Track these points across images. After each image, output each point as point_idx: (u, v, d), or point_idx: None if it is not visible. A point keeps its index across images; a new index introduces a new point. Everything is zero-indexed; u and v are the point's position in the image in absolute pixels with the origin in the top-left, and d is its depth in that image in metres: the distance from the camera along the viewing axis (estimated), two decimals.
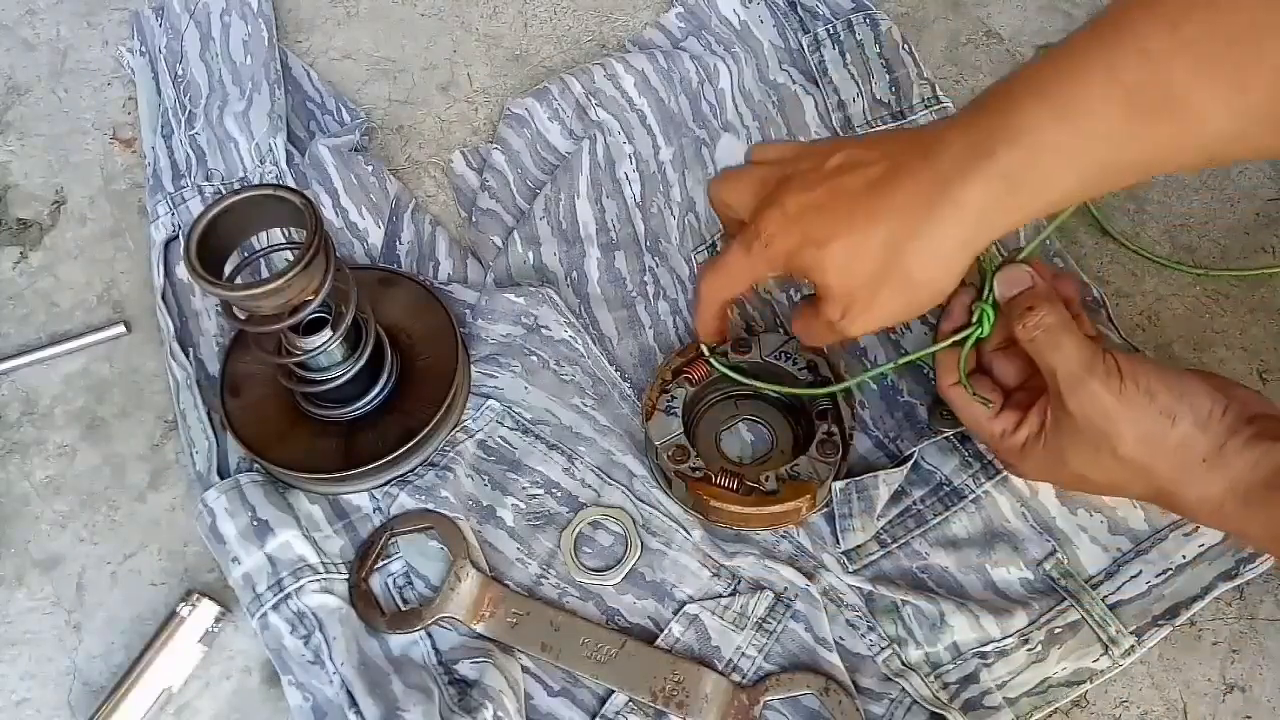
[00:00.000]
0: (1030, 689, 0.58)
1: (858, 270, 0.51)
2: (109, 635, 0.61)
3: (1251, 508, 0.50)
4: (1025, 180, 0.48)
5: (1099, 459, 0.53)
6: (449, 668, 0.58)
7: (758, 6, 0.80)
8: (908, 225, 0.50)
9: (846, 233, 0.51)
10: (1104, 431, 0.52)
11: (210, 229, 0.53)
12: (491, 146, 0.76)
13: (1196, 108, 0.45)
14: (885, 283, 0.51)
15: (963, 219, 0.49)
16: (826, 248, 0.51)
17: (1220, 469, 0.51)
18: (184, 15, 0.79)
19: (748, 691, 0.57)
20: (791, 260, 0.53)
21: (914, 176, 0.50)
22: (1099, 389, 0.51)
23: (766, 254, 0.54)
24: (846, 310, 0.53)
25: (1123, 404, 0.51)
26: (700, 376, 0.64)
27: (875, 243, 0.50)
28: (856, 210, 0.51)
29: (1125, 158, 0.47)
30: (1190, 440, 0.51)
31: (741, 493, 0.60)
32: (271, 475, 0.63)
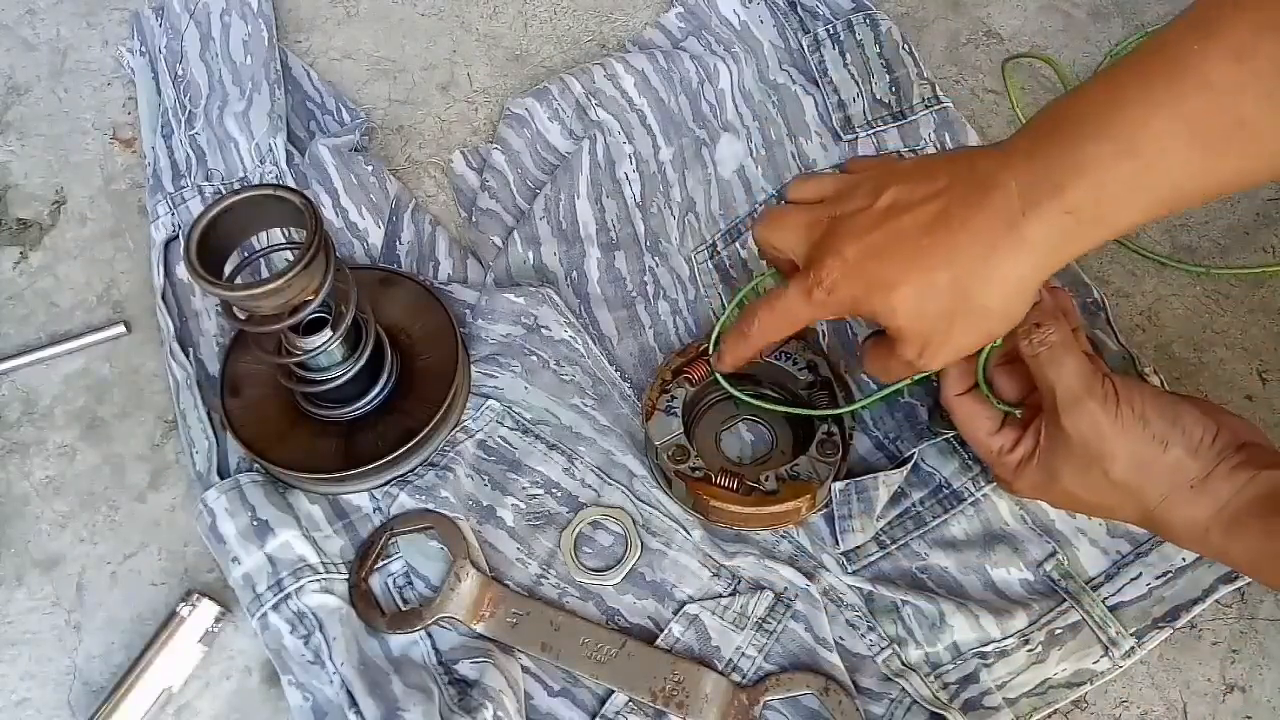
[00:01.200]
0: (1030, 690, 0.58)
1: (929, 311, 0.51)
2: (109, 635, 0.61)
3: (1234, 533, 0.51)
4: (1091, 215, 0.48)
5: (1090, 479, 0.53)
6: (449, 668, 0.58)
7: (758, 6, 0.80)
8: (974, 265, 0.50)
9: (913, 276, 0.51)
10: (1097, 452, 0.52)
11: (210, 229, 0.53)
12: (491, 146, 0.76)
13: (1268, 136, 0.45)
14: (958, 319, 0.51)
15: (1029, 254, 0.49)
16: (895, 292, 0.51)
17: (1206, 494, 0.51)
18: (184, 15, 0.79)
19: (748, 691, 0.57)
20: (858, 306, 0.53)
21: (975, 216, 0.49)
22: (1096, 410, 0.52)
23: (829, 301, 0.53)
24: (924, 349, 0.53)
25: (1117, 427, 0.52)
26: (700, 376, 0.64)
27: (943, 284, 0.50)
28: (920, 253, 0.51)
29: (1192, 186, 0.47)
30: (1180, 465, 0.52)
31: (741, 493, 0.60)
32: (271, 475, 0.63)
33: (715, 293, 0.70)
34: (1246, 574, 0.58)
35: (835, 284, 0.52)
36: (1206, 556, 0.58)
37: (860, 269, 0.52)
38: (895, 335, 0.53)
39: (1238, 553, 0.52)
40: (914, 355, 0.53)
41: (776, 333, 0.58)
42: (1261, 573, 0.53)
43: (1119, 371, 0.64)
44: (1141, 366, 0.64)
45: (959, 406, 0.58)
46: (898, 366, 0.55)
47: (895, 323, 0.52)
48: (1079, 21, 0.80)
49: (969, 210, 0.50)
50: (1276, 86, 0.45)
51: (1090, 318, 0.66)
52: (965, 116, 0.75)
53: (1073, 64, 0.78)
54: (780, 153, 0.74)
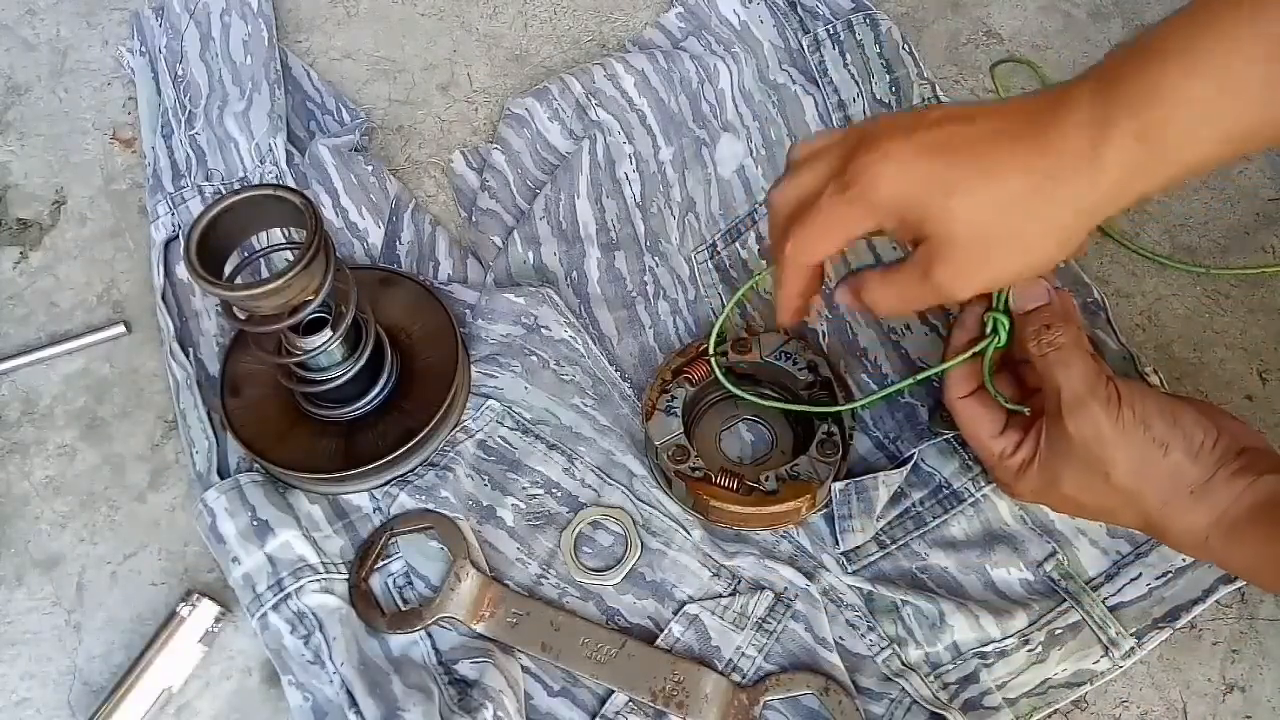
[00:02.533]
0: (1030, 690, 0.58)
1: (982, 223, 0.47)
2: (109, 635, 0.61)
3: (1233, 540, 0.51)
4: (1166, 140, 0.45)
5: (1091, 483, 0.53)
6: (449, 668, 0.58)
7: (758, 6, 0.80)
8: (1045, 181, 0.46)
9: (981, 182, 0.47)
10: (1098, 455, 0.52)
11: (210, 229, 0.53)
12: (491, 146, 0.76)
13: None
14: (1006, 241, 0.48)
15: (1100, 180, 0.46)
16: (957, 196, 0.47)
17: (1206, 501, 0.51)
18: (184, 15, 0.79)
19: (748, 691, 0.57)
20: (906, 206, 0.48)
21: (1048, 133, 0.46)
22: (1098, 412, 0.51)
23: (871, 200, 0.49)
24: (959, 269, 0.49)
25: (1118, 430, 0.51)
26: (700, 376, 0.64)
27: (1008, 195, 0.47)
28: (987, 158, 0.47)
29: (1271, 114, 0.45)
30: (1180, 470, 0.51)
31: (741, 493, 0.60)
32: (271, 475, 0.63)
33: (715, 293, 0.70)
34: (1246, 579, 0.58)
35: (875, 180, 0.48)
36: (1204, 560, 0.58)
37: (913, 165, 0.48)
38: (934, 250, 0.49)
39: (1237, 559, 0.52)
40: (945, 275, 0.49)
41: (815, 248, 0.53)
42: (1261, 578, 0.52)
43: (1120, 373, 0.64)
44: (1142, 366, 0.64)
45: (963, 409, 0.57)
46: (918, 289, 0.51)
47: (946, 230, 0.48)
48: (1079, 21, 0.80)
49: (1040, 128, 0.47)
50: None
51: (1090, 317, 0.66)
52: None
53: (1072, 64, 0.78)
54: (780, 153, 0.74)
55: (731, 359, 0.64)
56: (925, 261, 0.50)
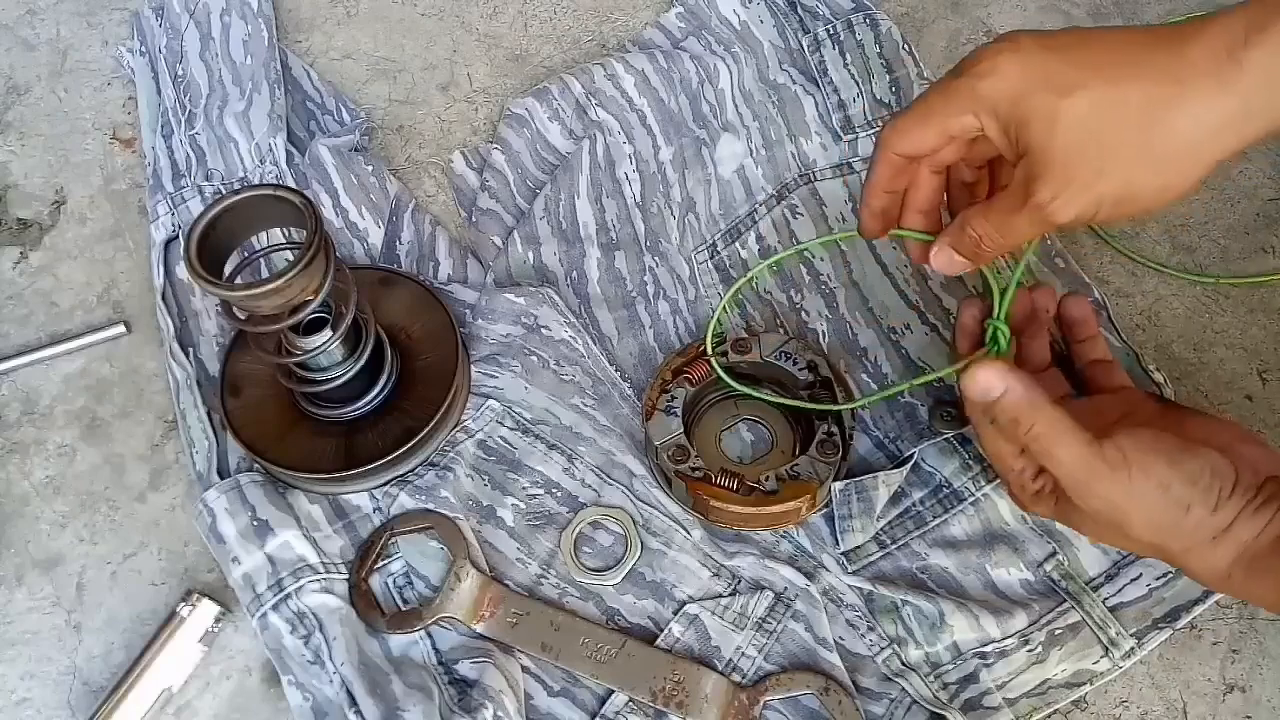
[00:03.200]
0: (1030, 690, 0.58)
1: (1099, 127, 0.43)
2: (109, 635, 0.61)
3: (1255, 574, 0.48)
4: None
5: (1110, 535, 0.51)
6: (449, 668, 0.58)
7: (758, 6, 0.80)
8: (1176, 86, 0.43)
9: (1096, 82, 0.43)
10: (1114, 520, 0.49)
11: (210, 229, 0.53)
12: (491, 146, 0.76)
13: None
14: (1124, 149, 0.44)
15: (1240, 88, 0.42)
16: (1069, 96, 0.43)
17: (1227, 542, 0.48)
18: (184, 15, 0.79)
19: (748, 691, 0.57)
20: (1012, 102, 0.45)
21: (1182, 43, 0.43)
22: (1107, 488, 0.48)
23: (976, 90, 0.45)
24: (1065, 183, 0.45)
25: (1133, 497, 0.48)
26: (700, 376, 0.64)
27: (1131, 100, 0.43)
28: (1112, 65, 0.43)
29: None
30: (1202, 523, 0.48)
31: (741, 493, 0.60)
32: (271, 475, 0.63)
33: (715, 293, 0.70)
34: (1271, 612, 0.56)
35: (989, 68, 0.45)
36: (1228, 595, 0.56)
37: (1027, 59, 0.45)
38: (1035, 164, 0.45)
39: (1262, 592, 0.49)
40: (1048, 195, 0.45)
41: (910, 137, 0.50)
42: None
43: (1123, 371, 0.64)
44: (1145, 364, 0.64)
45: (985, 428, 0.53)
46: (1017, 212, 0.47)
47: (1052, 139, 0.44)
48: (1079, 21, 0.80)
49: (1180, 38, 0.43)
50: None
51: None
52: None
53: None
54: (780, 153, 0.74)
55: (732, 359, 0.64)
56: (1025, 178, 0.46)
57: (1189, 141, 0.44)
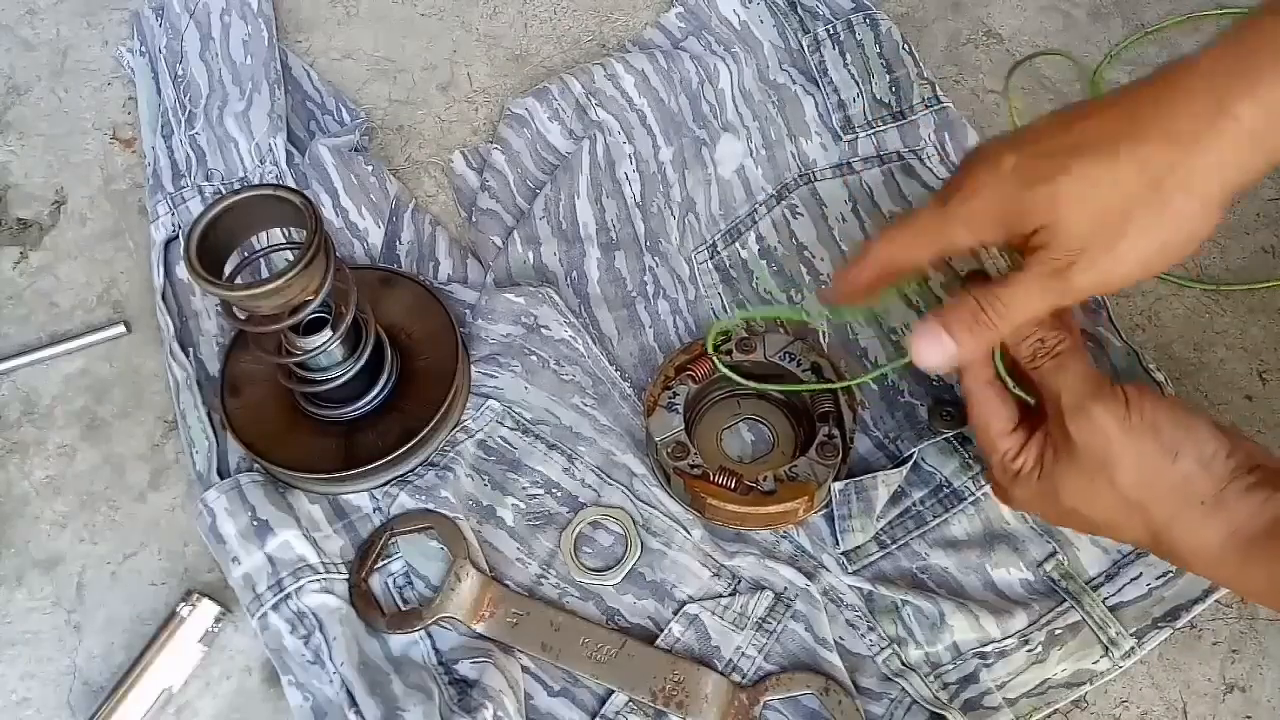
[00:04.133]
0: (1030, 690, 0.58)
1: (1102, 202, 0.44)
2: (109, 635, 0.61)
3: (1252, 559, 0.47)
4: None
5: (1095, 491, 0.50)
6: (449, 668, 0.58)
7: (758, 6, 0.80)
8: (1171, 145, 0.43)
9: (1088, 159, 0.44)
10: (1103, 459, 0.49)
11: (210, 229, 0.53)
12: (491, 146, 0.76)
13: None
14: (1135, 218, 0.44)
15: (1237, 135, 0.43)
16: (1057, 181, 0.44)
17: (1220, 514, 0.48)
18: (184, 15, 0.79)
19: (748, 691, 0.57)
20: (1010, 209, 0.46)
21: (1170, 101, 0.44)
22: (1103, 414, 0.49)
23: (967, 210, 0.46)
24: (1079, 257, 0.45)
25: (1125, 432, 0.49)
26: (704, 374, 0.64)
27: (1129, 167, 0.44)
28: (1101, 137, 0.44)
29: None
30: (1191, 478, 0.48)
31: (740, 492, 0.60)
32: (271, 475, 0.63)
33: (715, 293, 0.70)
34: (1265, 604, 0.55)
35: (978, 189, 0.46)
36: (1218, 582, 0.56)
37: (1016, 172, 0.46)
38: (1046, 242, 0.46)
39: (1255, 579, 0.48)
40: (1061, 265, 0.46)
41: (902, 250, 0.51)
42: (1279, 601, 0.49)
43: (1123, 371, 0.64)
44: (1146, 363, 0.64)
45: (981, 395, 0.54)
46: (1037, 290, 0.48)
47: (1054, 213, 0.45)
48: (1079, 21, 0.80)
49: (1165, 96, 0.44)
50: None
51: (1091, 316, 0.66)
52: (965, 117, 0.75)
53: (1072, 64, 0.78)
54: (780, 153, 0.74)
55: (736, 358, 0.64)
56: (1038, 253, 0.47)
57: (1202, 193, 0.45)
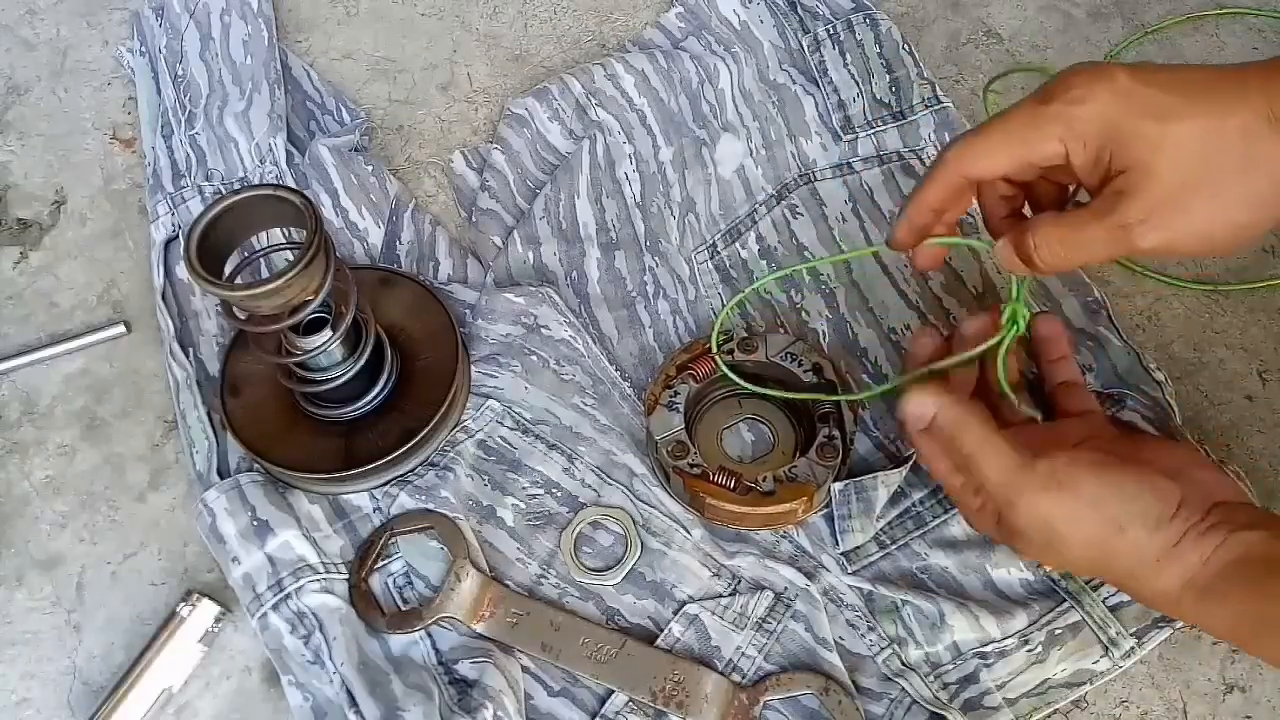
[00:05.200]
0: (1030, 690, 0.58)
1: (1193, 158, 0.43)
2: (109, 635, 0.61)
3: (1208, 601, 0.48)
4: None
5: (1049, 556, 0.51)
6: (449, 668, 0.58)
7: (758, 6, 0.80)
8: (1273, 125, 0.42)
9: (1201, 112, 0.43)
10: (1048, 539, 0.50)
11: (210, 229, 0.53)
12: (491, 146, 0.76)
13: None
14: (1226, 183, 0.43)
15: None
16: (1173, 121, 0.43)
17: (1173, 565, 0.48)
18: (184, 15, 0.79)
19: (748, 691, 0.57)
20: (1113, 127, 0.44)
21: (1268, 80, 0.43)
22: (1034, 502, 0.49)
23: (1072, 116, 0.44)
24: (1156, 210, 0.44)
25: (1062, 514, 0.48)
26: (705, 373, 0.64)
27: (1233, 127, 0.42)
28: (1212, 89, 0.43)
29: None
30: (1140, 545, 0.48)
31: (739, 492, 0.60)
32: (271, 475, 0.63)
33: (715, 293, 0.70)
34: (1226, 640, 0.55)
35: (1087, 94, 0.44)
36: (1181, 620, 0.56)
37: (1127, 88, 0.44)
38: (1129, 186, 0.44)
39: (1214, 620, 0.49)
40: (1138, 216, 0.44)
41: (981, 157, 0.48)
42: (1241, 638, 0.49)
43: (1124, 371, 0.64)
44: (1146, 363, 0.64)
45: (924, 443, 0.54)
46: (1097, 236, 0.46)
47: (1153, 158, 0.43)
48: (1079, 21, 0.80)
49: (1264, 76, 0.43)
50: None
51: (1092, 316, 0.66)
52: (965, 117, 0.75)
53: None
54: (780, 153, 0.74)
55: (737, 357, 0.64)
56: (1115, 197, 0.45)
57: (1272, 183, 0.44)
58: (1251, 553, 0.47)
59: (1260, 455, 0.64)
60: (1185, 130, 0.43)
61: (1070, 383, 0.60)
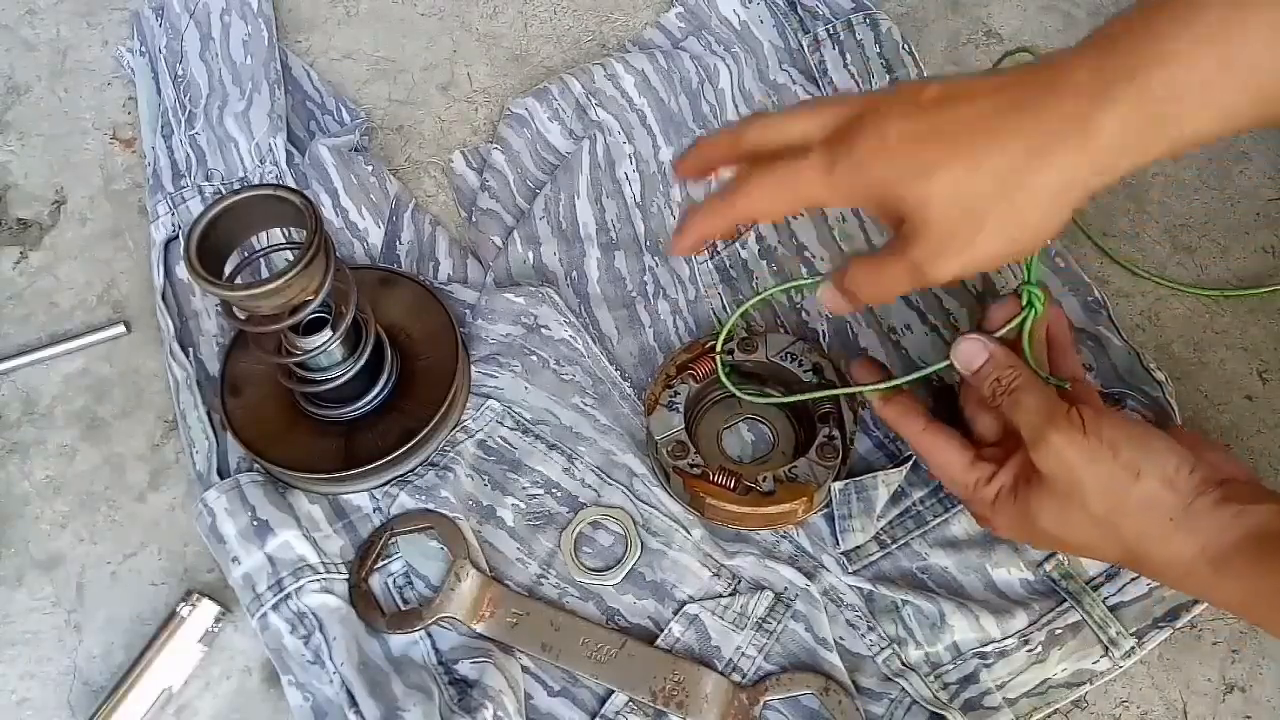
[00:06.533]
0: (1030, 690, 0.58)
1: (965, 201, 0.47)
2: (109, 635, 0.61)
3: (1222, 572, 0.49)
4: (1166, 109, 0.44)
5: (1067, 515, 0.52)
6: (449, 668, 0.58)
7: (758, 6, 0.80)
8: (1032, 153, 0.45)
9: (959, 160, 0.46)
10: (1069, 485, 0.51)
11: (210, 229, 0.53)
12: (491, 146, 0.76)
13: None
14: (990, 218, 0.47)
15: (1095, 149, 0.45)
16: (934, 176, 0.46)
17: (1188, 530, 0.49)
18: (184, 15, 0.79)
19: (748, 691, 0.57)
20: (887, 190, 0.48)
21: (1039, 103, 0.46)
22: (1061, 440, 0.50)
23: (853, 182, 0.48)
24: (940, 251, 0.48)
25: (1086, 455, 0.50)
26: (705, 373, 0.64)
27: (990, 171, 0.46)
28: (975, 136, 0.46)
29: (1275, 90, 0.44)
30: (1156, 495, 0.50)
31: (739, 492, 0.60)
32: (271, 475, 0.63)
33: (715, 293, 0.70)
34: (1237, 615, 0.56)
35: (864, 161, 0.47)
36: (1192, 595, 0.56)
37: (901, 150, 0.47)
38: (913, 232, 0.48)
39: (1227, 592, 0.49)
40: (925, 257, 0.48)
41: (769, 201, 0.52)
42: (1253, 613, 0.50)
43: (1124, 370, 0.64)
44: (1146, 363, 0.64)
45: (926, 441, 0.56)
46: (898, 273, 0.50)
47: (924, 212, 0.47)
48: (1079, 21, 0.80)
49: (1035, 99, 0.46)
50: None
51: (1092, 315, 0.66)
52: None
53: None
54: None
55: (737, 357, 0.64)
56: (903, 243, 0.49)
57: (1049, 198, 0.47)
58: (1267, 526, 0.48)
59: (1260, 455, 0.64)
60: (946, 181, 0.47)
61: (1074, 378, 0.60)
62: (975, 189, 0.47)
